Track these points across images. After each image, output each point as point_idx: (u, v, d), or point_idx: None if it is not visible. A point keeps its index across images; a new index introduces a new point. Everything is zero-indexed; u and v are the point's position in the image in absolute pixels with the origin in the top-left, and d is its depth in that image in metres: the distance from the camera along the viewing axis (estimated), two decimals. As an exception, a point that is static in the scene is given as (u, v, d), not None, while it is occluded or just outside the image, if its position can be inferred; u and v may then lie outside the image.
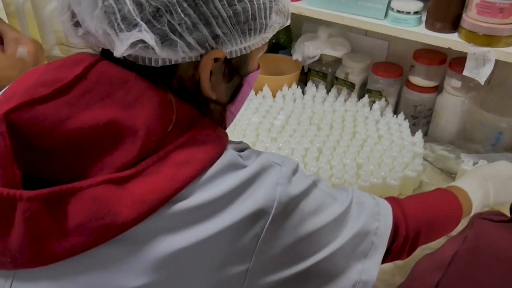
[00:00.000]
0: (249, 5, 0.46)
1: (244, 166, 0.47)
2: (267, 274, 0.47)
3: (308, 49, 1.30)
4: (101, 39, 0.45)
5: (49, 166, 0.42)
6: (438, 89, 1.21)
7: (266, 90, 1.29)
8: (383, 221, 0.59)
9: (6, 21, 1.46)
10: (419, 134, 1.11)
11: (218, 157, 0.46)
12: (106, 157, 0.42)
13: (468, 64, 0.97)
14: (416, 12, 1.01)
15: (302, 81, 1.39)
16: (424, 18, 1.03)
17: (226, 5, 0.44)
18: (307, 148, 1.04)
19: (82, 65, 0.45)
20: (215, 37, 0.46)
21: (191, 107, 0.48)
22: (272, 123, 1.15)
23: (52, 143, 0.41)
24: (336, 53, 1.30)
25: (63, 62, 0.46)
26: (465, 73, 0.99)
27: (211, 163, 0.45)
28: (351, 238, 0.54)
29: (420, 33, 1.01)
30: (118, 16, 0.42)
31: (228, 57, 0.49)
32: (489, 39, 0.92)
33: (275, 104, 1.24)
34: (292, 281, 0.49)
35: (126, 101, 0.44)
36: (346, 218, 0.54)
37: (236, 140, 0.54)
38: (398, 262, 0.69)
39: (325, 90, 1.30)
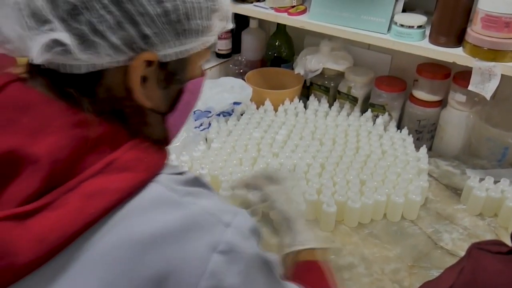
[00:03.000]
0: (180, 4, 0.42)
1: (176, 204, 0.40)
2: None
3: (310, 63, 1.29)
4: (18, 44, 0.40)
5: None
6: (442, 104, 1.19)
7: (268, 104, 1.27)
8: None
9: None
10: (423, 149, 1.09)
11: (143, 187, 0.40)
12: (6, 190, 0.38)
13: (473, 78, 0.96)
14: (419, 26, 1.00)
15: (304, 95, 1.38)
16: (428, 32, 1.02)
17: (153, 2, 0.41)
18: (310, 164, 1.02)
19: None
20: (144, 37, 0.41)
21: (115, 126, 0.43)
22: (273, 138, 1.13)
23: None
24: (339, 67, 1.29)
25: None
26: (470, 88, 0.97)
27: (130, 194, 0.39)
28: None
29: (424, 47, 1.00)
30: (27, 12, 0.38)
31: (162, 60, 0.44)
32: (495, 54, 0.91)
33: (277, 118, 1.22)
34: None
35: (32, 127, 0.39)
36: None
37: (240, 155, 0.49)
38: None
39: (327, 105, 1.28)
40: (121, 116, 0.44)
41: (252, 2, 1.24)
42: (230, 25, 0.50)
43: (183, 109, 0.51)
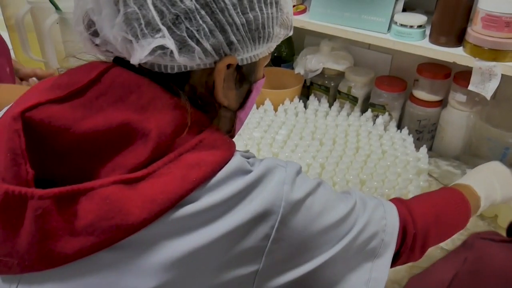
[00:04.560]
0: (259, 14, 0.48)
1: (250, 171, 0.48)
2: (278, 275, 0.48)
3: (310, 63, 1.28)
4: (118, 47, 0.46)
5: (62, 166, 0.43)
6: (442, 104, 1.19)
7: (268, 104, 1.27)
8: (390, 219, 0.59)
9: (7, 34, 1.46)
10: (423, 149, 1.08)
11: (227, 162, 0.47)
12: (118, 158, 0.43)
13: (474, 78, 0.95)
14: (419, 26, 1.00)
15: (304, 95, 1.38)
16: (428, 32, 1.02)
17: (240, 13, 0.47)
18: (310, 163, 1.02)
19: (96, 70, 0.46)
20: (230, 43, 0.47)
21: (201, 112, 0.49)
22: (273, 137, 1.13)
23: (66, 143, 0.42)
24: (339, 66, 1.28)
25: (78, 69, 0.48)
26: (470, 87, 0.97)
27: (220, 167, 0.46)
28: (359, 236, 0.54)
29: (424, 47, 0.99)
30: (143, 21, 0.44)
31: (239, 64, 0.50)
32: (495, 54, 0.91)
33: (277, 118, 1.22)
34: (302, 281, 0.49)
35: (139, 104, 0.45)
36: (353, 217, 0.54)
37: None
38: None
39: (327, 104, 1.28)
40: (201, 109, 0.50)
41: (252, 2, 1.24)
42: (291, 32, 0.56)
43: (249, 106, 0.57)
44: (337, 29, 1.10)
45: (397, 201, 0.64)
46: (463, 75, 1.07)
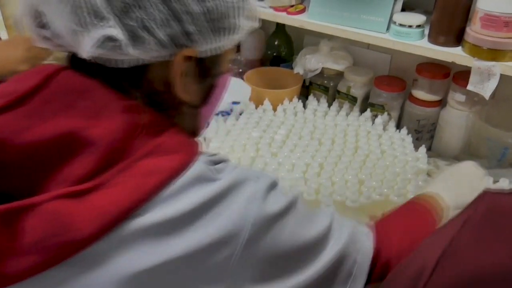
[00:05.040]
0: (221, 3, 0.45)
1: (214, 180, 0.45)
2: None
3: (309, 63, 1.28)
4: (69, 39, 0.43)
5: (7, 179, 0.41)
6: (441, 103, 1.19)
7: (267, 103, 1.27)
8: (365, 243, 0.58)
9: (6, 33, 1.46)
10: (422, 149, 1.08)
11: (187, 167, 0.44)
12: (64, 169, 0.40)
13: (473, 78, 0.95)
14: (418, 26, 1.00)
15: (304, 95, 1.38)
16: (427, 31, 1.01)
17: (197, 1, 0.44)
18: (308, 163, 1.02)
19: (41, 74, 0.43)
20: (188, 34, 0.44)
21: (159, 113, 0.47)
22: (272, 137, 1.13)
23: (10, 155, 0.40)
24: (338, 66, 1.28)
25: (26, 74, 0.45)
26: (469, 87, 0.97)
27: (178, 173, 0.43)
28: (333, 258, 0.52)
29: (423, 47, 0.99)
30: (86, 9, 0.41)
31: (201, 56, 0.48)
32: (494, 53, 0.90)
33: (276, 118, 1.22)
34: None
35: (89, 110, 0.42)
36: (327, 239, 0.52)
37: (239, 155, 0.53)
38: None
39: (326, 104, 1.28)
40: (160, 107, 0.48)
41: (251, 2, 1.24)
42: (257, 24, 0.53)
43: (213, 101, 0.55)
44: (336, 29, 1.10)
45: (372, 225, 0.62)
46: (462, 75, 1.06)
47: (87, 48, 0.41)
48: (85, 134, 0.41)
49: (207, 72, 0.51)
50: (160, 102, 0.48)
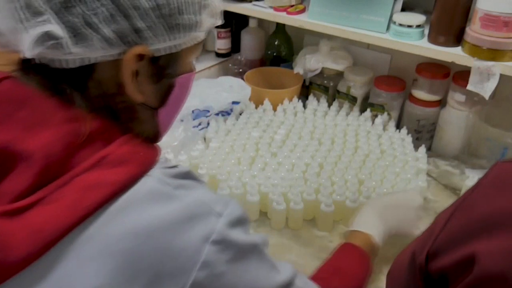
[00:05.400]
0: None
1: (170, 197, 0.41)
2: None
3: (309, 63, 1.28)
4: (11, 38, 0.40)
5: None
6: (441, 103, 1.19)
7: (267, 103, 1.27)
8: None
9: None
10: (422, 149, 1.08)
11: (136, 181, 0.40)
12: (1, 186, 0.37)
13: (472, 78, 0.95)
14: (418, 26, 1.00)
15: (303, 95, 1.38)
16: (427, 31, 1.01)
17: None
18: (308, 163, 1.02)
19: None
20: (137, 31, 0.41)
21: (108, 121, 0.44)
22: (272, 137, 1.13)
23: None
24: (338, 66, 1.28)
25: None
26: (469, 87, 0.97)
27: (124, 188, 0.39)
28: None
29: (423, 46, 0.99)
30: (19, 3, 0.38)
31: (154, 55, 0.44)
32: (494, 53, 0.90)
33: (276, 118, 1.22)
34: None
35: (27, 121, 0.39)
36: None
37: (239, 155, 0.50)
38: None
39: (326, 104, 1.28)
40: (112, 112, 0.45)
41: (251, 1, 1.24)
42: (220, 21, 0.50)
43: (173, 104, 0.51)
44: (336, 29, 1.10)
45: (319, 280, 0.61)
46: (462, 75, 1.06)
47: (27, 46, 0.38)
48: (21, 147, 0.38)
49: (163, 72, 0.47)
50: (111, 105, 0.44)
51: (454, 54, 0.96)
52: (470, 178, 0.99)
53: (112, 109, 0.45)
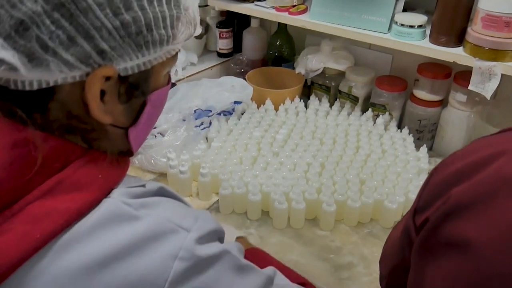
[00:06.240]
0: (140, 14, 0.39)
1: (134, 217, 0.38)
2: None
3: (311, 63, 1.29)
4: None
5: None
6: (443, 103, 1.19)
7: (269, 103, 1.27)
8: None
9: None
10: (423, 149, 1.09)
11: (94, 206, 0.38)
12: None
13: (474, 78, 0.95)
14: (420, 26, 1.00)
15: (305, 95, 1.38)
16: (428, 31, 1.02)
17: (111, 15, 0.37)
18: (310, 163, 1.03)
19: None
20: (101, 52, 0.38)
21: (66, 141, 0.40)
22: (274, 137, 1.14)
23: None
24: (340, 66, 1.29)
25: None
26: (470, 87, 0.97)
27: (80, 215, 0.37)
28: None
29: (425, 47, 0.99)
30: None
31: (122, 74, 0.40)
32: (495, 53, 0.91)
33: (277, 117, 1.22)
34: None
35: None
36: None
37: (240, 154, 0.47)
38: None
39: (328, 104, 1.29)
40: (76, 132, 0.41)
41: (253, 2, 1.24)
42: (198, 31, 0.47)
43: (145, 122, 0.47)
44: (337, 29, 1.10)
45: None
46: (463, 75, 1.07)
47: None
48: None
49: (133, 91, 0.43)
50: (75, 126, 0.41)
51: (455, 54, 0.96)
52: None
53: (76, 128, 0.41)
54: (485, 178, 0.39)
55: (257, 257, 0.66)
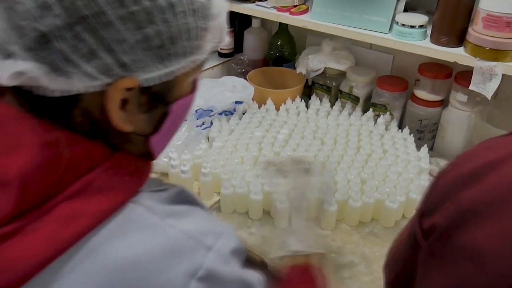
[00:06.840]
0: (163, 28, 0.38)
1: (155, 227, 0.38)
2: None
3: (312, 63, 1.29)
4: None
5: None
6: (443, 103, 1.19)
7: (270, 103, 1.28)
8: None
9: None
10: (424, 148, 1.09)
11: (121, 208, 0.38)
12: None
13: (475, 78, 0.96)
14: (421, 26, 1.00)
15: (306, 95, 1.38)
16: (429, 32, 1.02)
17: (133, 29, 0.37)
18: (311, 162, 1.03)
19: None
20: (122, 65, 0.38)
21: (93, 143, 0.40)
22: (275, 137, 1.14)
23: None
24: (340, 66, 1.29)
25: None
26: (471, 87, 0.97)
27: (107, 217, 0.38)
28: None
29: (425, 47, 1.00)
30: None
31: (144, 85, 0.40)
32: (496, 53, 0.91)
33: (279, 117, 1.23)
34: None
35: (3, 146, 0.37)
36: None
37: (241, 154, 0.46)
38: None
39: (329, 104, 1.29)
40: (100, 135, 0.42)
41: (254, 2, 1.24)
42: (224, 42, 0.47)
43: (168, 130, 0.47)
44: (338, 29, 1.10)
45: None
46: (464, 75, 1.07)
47: (3, 80, 0.36)
48: None
49: (156, 101, 0.43)
50: (99, 130, 0.41)
51: (456, 54, 0.96)
52: (472, 177, 1.00)
53: (100, 133, 0.42)
54: (495, 183, 0.39)
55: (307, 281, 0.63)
